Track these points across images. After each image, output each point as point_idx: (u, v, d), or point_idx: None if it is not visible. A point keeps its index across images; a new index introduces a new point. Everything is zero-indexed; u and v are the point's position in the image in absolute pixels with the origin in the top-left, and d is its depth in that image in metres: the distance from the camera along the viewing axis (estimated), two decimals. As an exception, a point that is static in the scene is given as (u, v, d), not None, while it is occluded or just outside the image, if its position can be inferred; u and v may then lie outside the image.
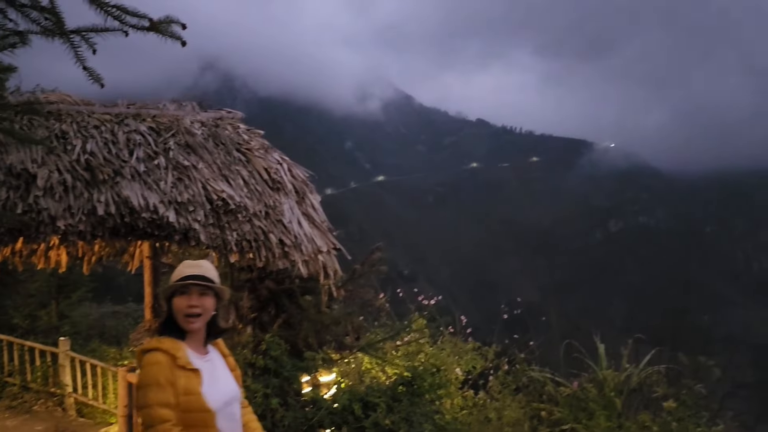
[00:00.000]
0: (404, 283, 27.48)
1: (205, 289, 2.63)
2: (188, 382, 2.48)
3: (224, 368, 2.72)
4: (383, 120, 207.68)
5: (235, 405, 2.65)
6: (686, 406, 4.51)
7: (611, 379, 5.20)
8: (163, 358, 2.49)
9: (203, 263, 2.75)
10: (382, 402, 4.97)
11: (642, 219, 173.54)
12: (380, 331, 6.55)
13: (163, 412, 2.40)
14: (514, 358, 7.47)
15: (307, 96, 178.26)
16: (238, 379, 2.74)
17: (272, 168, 6.22)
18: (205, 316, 2.64)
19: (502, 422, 6.11)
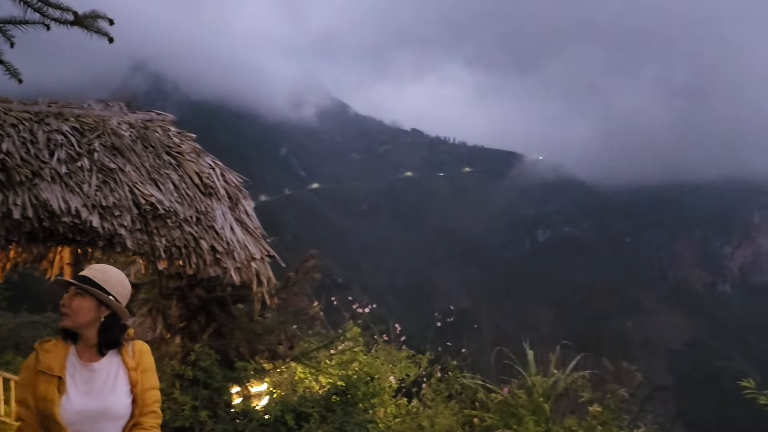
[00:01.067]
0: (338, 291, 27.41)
1: (81, 291, 2.54)
2: (46, 387, 2.40)
3: (116, 382, 2.57)
4: (318, 127, 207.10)
5: (106, 424, 2.49)
6: (610, 410, 4.68)
7: (540, 384, 5.32)
8: (32, 359, 2.46)
9: (107, 269, 2.66)
10: (315, 412, 4.90)
11: (567, 229, 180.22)
12: (314, 340, 6.47)
13: (20, 410, 2.39)
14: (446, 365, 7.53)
15: (240, 101, 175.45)
16: (144, 397, 2.59)
17: (204, 172, 6.05)
18: (74, 318, 2.53)
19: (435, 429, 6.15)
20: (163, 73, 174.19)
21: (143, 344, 2.80)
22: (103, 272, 2.63)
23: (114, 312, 2.61)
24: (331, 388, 5.44)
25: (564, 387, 5.81)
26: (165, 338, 5.81)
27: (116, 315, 2.62)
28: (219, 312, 5.87)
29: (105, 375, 2.56)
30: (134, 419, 2.58)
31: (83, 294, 2.54)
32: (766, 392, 5.87)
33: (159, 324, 5.87)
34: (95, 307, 2.56)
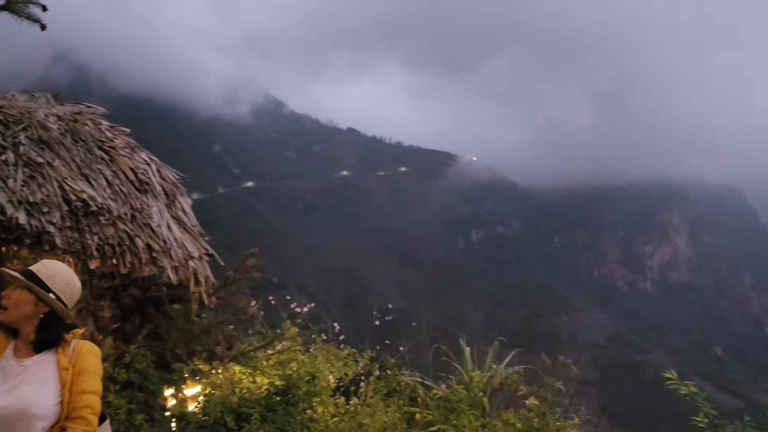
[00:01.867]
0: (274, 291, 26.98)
1: (22, 285, 2.48)
2: None
3: (44, 382, 2.47)
4: (253, 125, 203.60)
5: (22, 424, 2.37)
6: (547, 402, 4.84)
7: (478, 379, 5.45)
8: None
9: (55, 266, 2.59)
10: (256, 413, 4.84)
11: (500, 229, 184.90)
12: (254, 340, 6.38)
13: None
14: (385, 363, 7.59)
15: (171, 96, 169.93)
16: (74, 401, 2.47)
17: (139, 168, 5.84)
18: (11, 311, 2.47)
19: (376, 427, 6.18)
20: (87, 64, 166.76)
21: (87, 345, 2.68)
22: (48, 268, 2.55)
23: (53, 310, 2.52)
24: (272, 388, 5.38)
25: (499, 382, 5.96)
26: (96, 340, 5.58)
27: (56, 313, 2.53)
28: (154, 312, 5.69)
29: (33, 373, 2.46)
30: (60, 423, 2.46)
31: (22, 288, 2.46)
32: (687, 383, 6.24)
33: (90, 326, 5.64)
34: (34, 303, 2.47)
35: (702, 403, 6.08)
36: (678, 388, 6.31)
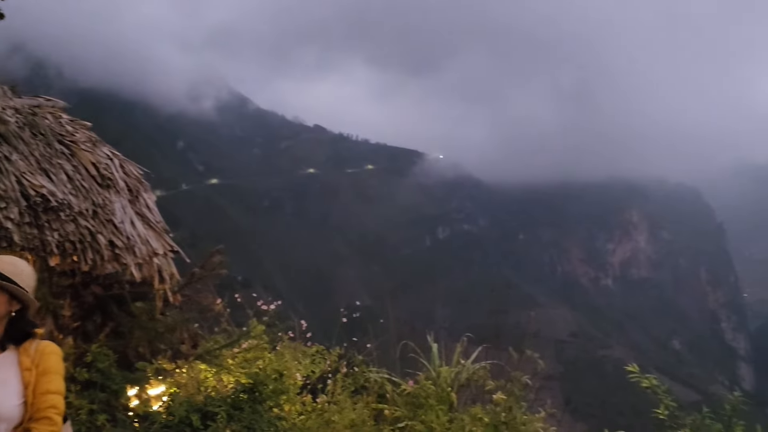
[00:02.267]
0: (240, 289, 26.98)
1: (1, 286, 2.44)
2: None
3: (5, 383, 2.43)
4: (217, 121, 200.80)
5: None
6: (514, 396, 4.90)
7: (446, 374, 5.48)
8: None
9: (16, 262, 2.58)
10: (222, 411, 4.78)
11: (466, 226, 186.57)
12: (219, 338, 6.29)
13: None
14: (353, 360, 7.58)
15: (133, 91, 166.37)
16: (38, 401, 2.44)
17: (101, 163, 5.70)
18: None
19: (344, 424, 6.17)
20: (45, 57, 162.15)
21: (50, 345, 2.65)
22: (13, 265, 2.53)
23: (25, 306, 2.49)
24: (239, 386, 5.32)
25: (467, 377, 6.01)
26: (56, 339, 5.43)
27: (26, 309, 2.50)
28: (117, 310, 5.57)
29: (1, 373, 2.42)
30: (24, 425, 2.41)
31: None
32: (648, 375, 6.39)
33: (49, 325, 5.49)
34: (7, 301, 2.43)
35: (662, 395, 6.24)
36: (640, 381, 6.48)
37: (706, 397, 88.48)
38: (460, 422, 4.76)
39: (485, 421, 4.68)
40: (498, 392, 5.00)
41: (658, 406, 6.10)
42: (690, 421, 5.93)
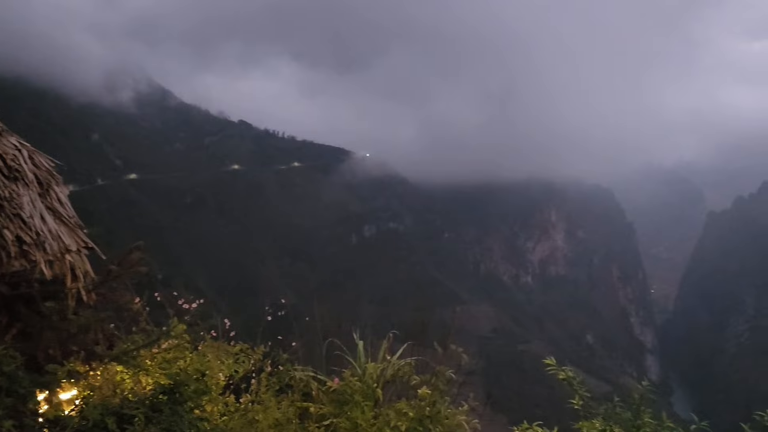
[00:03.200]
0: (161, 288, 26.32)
1: None
2: None
3: None
4: (137, 114, 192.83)
5: None
6: (438, 390, 4.99)
7: (372, 371, 5.51)
8: None
9: None
10: (140, 413, 4.58)
11: (392, 225, 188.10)
12: (138, 338, 6.04)
13: None
14: (277, 359, 7.47)
15: (42, 79, 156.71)
16: None
17: (8, 154, 5.34)
18: None
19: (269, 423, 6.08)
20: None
21: None
22: None
23: None
24: (158, 387, 5.13)
25: (392, 374, 6.06)
26: (-45, 342, 5.05)
27: None
28: (25, 310, 5.23)
29: None
30: None
31: None
32: (564, 368, 6.68)
33: (-53, 326, 5.09)
34: None
35: (577, 386, 6.53)
36: (556, 373, 6.76)
37: (616, 387, 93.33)
38: (385, 417, 4.79)
39: (410, 415, 4.73)
40: (423, 387, 5.07)
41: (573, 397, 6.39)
42: (602, 410, 6.26)
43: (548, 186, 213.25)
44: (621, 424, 6.18)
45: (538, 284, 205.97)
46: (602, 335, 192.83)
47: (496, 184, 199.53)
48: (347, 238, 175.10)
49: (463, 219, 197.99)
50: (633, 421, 6.13)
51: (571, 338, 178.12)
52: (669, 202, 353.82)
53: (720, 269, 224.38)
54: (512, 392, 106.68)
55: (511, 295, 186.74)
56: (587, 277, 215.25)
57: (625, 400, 6.43)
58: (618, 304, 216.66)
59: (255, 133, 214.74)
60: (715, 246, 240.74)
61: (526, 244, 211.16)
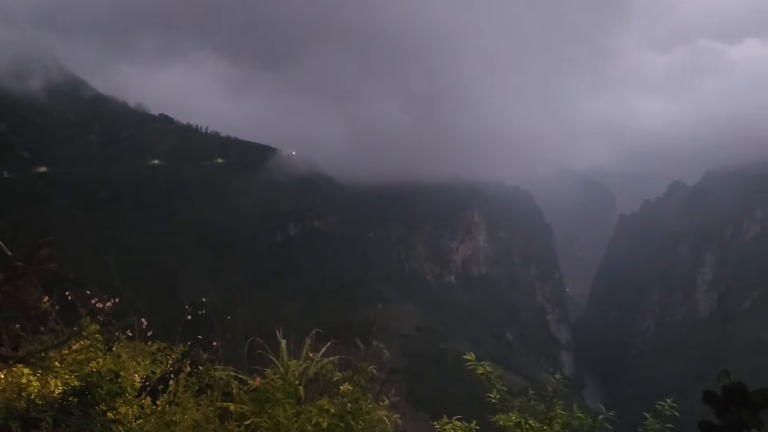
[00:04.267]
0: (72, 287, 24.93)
1: None
2: None
3: None
4: (47, 103, 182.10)
5: None
6: (360, 387, 5.03)
7: (294, 368, 5.49)
8: None
9: None
10: (48, 417, 4.37)
11: (317, 223, 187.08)
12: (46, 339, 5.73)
13: None
14: (197, 359, 7.30)
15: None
16: None
17: None
18: None
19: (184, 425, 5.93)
20: None
21: None
22: None
23: None
24: (68, 390, 4.90)
25: (315, 372, 6.06)
26: None
27: None
28: None
29: None
30: None
31: None
32: (483, 363, 6.90)
33: None
34: None
35: (495, 381, 6.78)
36: (475, 368, 6.98)
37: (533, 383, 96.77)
38: (307, 414, 4.78)
39: (332, 411, 4.75)
40: (345, 384, 5.10)
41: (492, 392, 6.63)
42: (518, 403, 6.52)
43: (471, 187, 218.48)
44: (535, 416, 6.47)
45: (461, 283, 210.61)
46: (521, 333, 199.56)
47: (421, 185, 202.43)
48: (272, 237, 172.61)
49: (388, 218, 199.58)
50: (546, 413, 6.43)
51: (491, 336, 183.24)
52: (583, 205, 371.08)
53: (629, 269, 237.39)
54: (434, 389, 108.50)
55: (435, 294, 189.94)
56: (508, 276, 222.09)
57: (539, 394, 6.74)
58: (536, 303, 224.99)
59: (176, 128, 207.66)
60: (624, 247, 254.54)
61: (449, 244, 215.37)
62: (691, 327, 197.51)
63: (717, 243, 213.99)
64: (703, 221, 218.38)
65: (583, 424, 6.19)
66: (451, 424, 6.69)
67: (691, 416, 6.45)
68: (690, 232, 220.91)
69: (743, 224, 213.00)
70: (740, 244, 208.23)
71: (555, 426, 6.34)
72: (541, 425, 6.30)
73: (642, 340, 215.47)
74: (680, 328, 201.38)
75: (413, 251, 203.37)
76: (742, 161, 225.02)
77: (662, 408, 6.48)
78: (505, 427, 6.44)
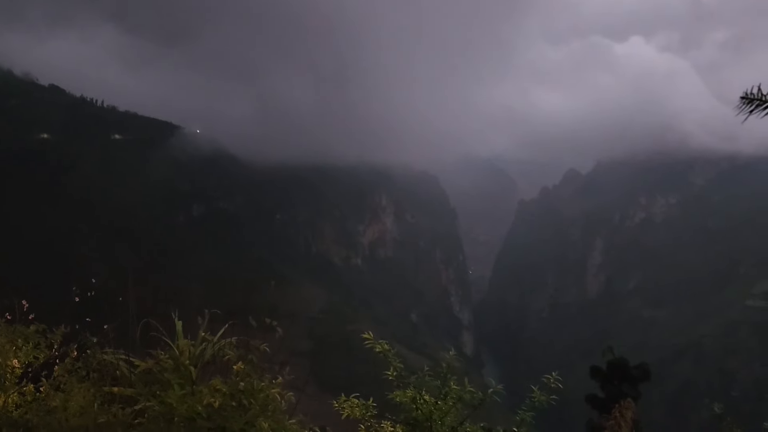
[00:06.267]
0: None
1: None
2: None
3: None
4: None
5: None
6: (253, 365, 5.00)
7: (186, 349, 5.36)
8: None
9: None
10: None
11: (222, 204, 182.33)
12: None
13: None
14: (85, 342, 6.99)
15: None
16: None
17: None
18: None
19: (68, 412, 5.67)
20: None
21: None
22: None
23: None
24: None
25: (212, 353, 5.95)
26: None
27: None
28: None
29: None
30: None
31: None
32: (381, 341, 7.07)
33: None
34: None
35: (392, 358, 6.98)
36: (374, 346, 7.14)
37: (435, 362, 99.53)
38: (199, 394, 4.69)
39: (224, 391, 4.69)
40: (238, 362, 5.05)
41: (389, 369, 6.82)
42: (413, 379, 6.75)
43: (378, 170, 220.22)
44: (430, 392, 6.73)
45: (368, 266, 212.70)
46: (425, 314, 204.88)
47: (328, 167, 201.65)
48: (174, 218, 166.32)
49: (295, 200, 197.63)
50: (441, 389, 6.71)
51: (397, 317, 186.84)
52: (486, 190, 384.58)
53: (528, 252, 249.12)
54: (340, 371, 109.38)
55: (342, 276, 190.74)
56: (413, 259, 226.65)
57: (434, 370, 7.00)
58: (440, 285, 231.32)
59: (69, 100, 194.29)
60: (524, 231, 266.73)
61: (356, 227, 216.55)
62: (581, 307, 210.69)
63: (606, 228, 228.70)
64: (594, 208, 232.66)
65: (474, 397, 6.52)
66: (350, 402, 6.83)
67: (579, 390, 6.95)
68: (582, 217, 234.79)
69: (629, 211, 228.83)
70: (627, 230, 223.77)
71: (449, 401, 6.63)
72: (436, 400, 6.56)
73: (537, 319, 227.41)
74: (572, 308, 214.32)
75: (320, 234, 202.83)
76: (628, 151, 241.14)
77: (547, 381, 6.94)
78: (402, 402, 6.66)
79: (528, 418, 6.73)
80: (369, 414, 6.64)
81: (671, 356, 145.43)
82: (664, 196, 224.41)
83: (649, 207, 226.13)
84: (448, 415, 6.40)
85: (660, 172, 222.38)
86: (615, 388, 6.74)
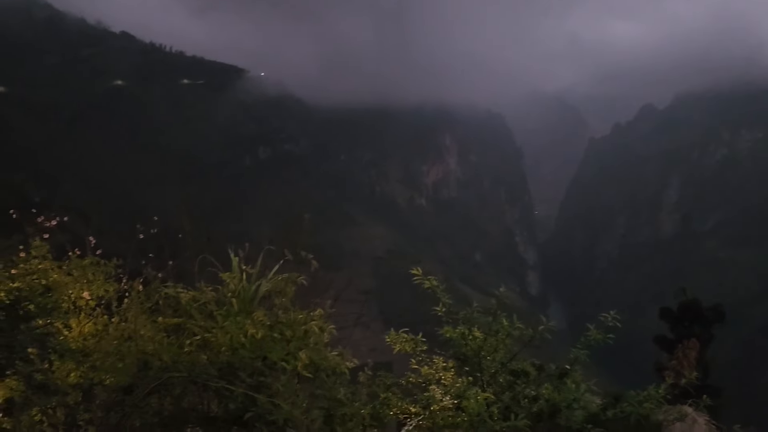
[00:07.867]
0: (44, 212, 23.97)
1: None
2: None
3: None
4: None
5: None
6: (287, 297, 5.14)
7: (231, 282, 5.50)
8: None
9: None
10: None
11: (287, 146, 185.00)
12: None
13: None
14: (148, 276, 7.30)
15: None
16: None
17: None
18: None
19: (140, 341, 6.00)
20: None
21: None
22: None
23: None
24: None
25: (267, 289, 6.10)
26: None
27: None
28: None
29: None
30: None
31: None
32: (430, 277, 7.06)
33: None
34: None
35: (441, 294, 6.96)
36: (422, 282, 7.15)
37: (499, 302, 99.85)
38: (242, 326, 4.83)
39: (265, 323, 4.83)
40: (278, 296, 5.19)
41: (457, 311, 6.84)
42: (462, 314, 6.73)
43: (442, 110, 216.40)
44: (481, 327, 6.70)
45: (432, 206, 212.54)
46: (490, 254, 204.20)
47: (391, 107, 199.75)
48: (241, 161, 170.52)
49: (359, 142, 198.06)
50: (491, 324, 6.66)
51: (460, 258, 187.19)
52: (554, 127, 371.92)
53: (597, 192, 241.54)
54: (404, 310, 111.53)
55: (406, 217, 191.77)
56: (478, 199, 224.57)
57: (483, 307, 6.95)
58: (505, 225, 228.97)
59: (139, 47, 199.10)
60: (594, 170, 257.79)
61: (420, 167, 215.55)
62: (654, 247, 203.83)
63: (684, 165, 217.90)
64: (671, 144, 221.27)
65: (523, 334, 6.46)
66: (399, 336, 6.92)
67: (649, 332, 6.76)
68: (658, 154, 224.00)
69: (710, 147, 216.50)
70: (706, 167, 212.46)
71: (499, 337, 6.60)
72: (485, 335, 6.54)
73: (606, 261, 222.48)
74: (643, 248, 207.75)
75: (384, 174, 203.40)
76: (709, 84, 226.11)
77: (604, 319, 6.78)
78: (452, 338, 6.68)
79: (582, 356, 6.63)
80: (419, 349, 6.72)
81: (749, 299, 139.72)
82: (750, 130, 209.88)
83: (732, 143, 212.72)
84: (498, 351, 6.39)
85: (745, 105, 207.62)
86: (685, 329, 6.52)
